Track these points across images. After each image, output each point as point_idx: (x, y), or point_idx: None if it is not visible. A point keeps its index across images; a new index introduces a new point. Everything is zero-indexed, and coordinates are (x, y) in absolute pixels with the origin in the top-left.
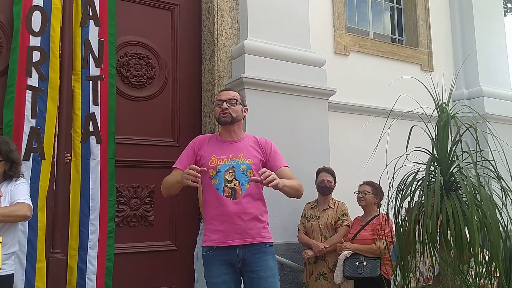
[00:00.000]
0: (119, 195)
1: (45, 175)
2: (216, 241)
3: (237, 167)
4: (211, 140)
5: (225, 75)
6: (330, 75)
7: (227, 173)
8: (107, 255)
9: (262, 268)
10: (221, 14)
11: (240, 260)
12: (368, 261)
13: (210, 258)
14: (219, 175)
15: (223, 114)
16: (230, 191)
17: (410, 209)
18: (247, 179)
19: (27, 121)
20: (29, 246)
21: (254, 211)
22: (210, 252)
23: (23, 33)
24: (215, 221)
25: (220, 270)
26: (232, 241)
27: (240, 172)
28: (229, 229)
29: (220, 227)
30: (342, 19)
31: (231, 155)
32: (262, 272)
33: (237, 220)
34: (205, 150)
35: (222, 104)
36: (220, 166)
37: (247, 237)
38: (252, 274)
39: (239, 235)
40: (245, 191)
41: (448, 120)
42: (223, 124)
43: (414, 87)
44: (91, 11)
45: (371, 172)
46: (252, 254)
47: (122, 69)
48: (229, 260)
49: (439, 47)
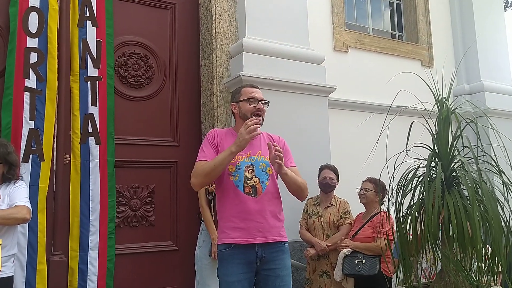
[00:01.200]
0: (119, 195)
1: (44, 177)
2: (237, 239)
3: (256, 164)
4: (227, 135)
5: (223, 74)
6: (330, 72)
7: (246, 170)
8: (108, 256)
9: (280, 266)
10: (219, 12)
11: (259, 259)
12: (367, 259)
13: (227, 256)
14: (238, 171)
15: (258, 115)
16: (251, 189)
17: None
18: (267, 177)
19: (25, 123)
20: (29, 248)
21: (274, 209)
22: (227, 250)
23: (20, 34)
24: (235, 219)
25: (237, 269)
26: (254, 239)
27: (260, 169)
28: (250, 227)
29: (241, 225)
30: (341, 15)
31: (249, 152)
32: (279, 271)
33: (259, 218)
34: (224, 145)
35: (256, 103)
36: (239, 162)
37: (268, 235)
38: (269, 272)
39: (260, 233)
40: (265, 188)
41: (449, 115)
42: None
43: (415, 83)
44: (88, 12)
45: (372, 169)
46: (271, 252)
47: (120, 69)
48: (248, 258)
49: (440, 43)
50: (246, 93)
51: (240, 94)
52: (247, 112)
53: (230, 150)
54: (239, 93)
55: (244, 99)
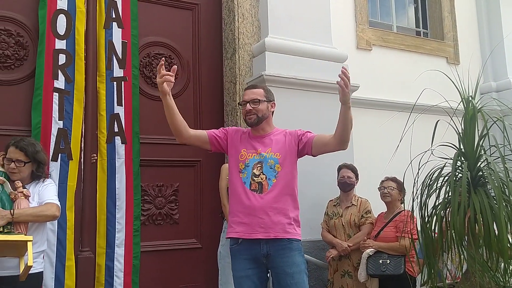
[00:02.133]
0: (144, 194)
1: (72, 175)
2: (240, 233)
3: (265, 161)
4: (244, 134)
5: (246, 73)
6: (353, 71)
7: (255, 167)
8: (134, 253)
9: (287, 264)
10: (241, 12)
11: (264, 256)
12: (391, 258)
13: (235, 252)
14: (247, 169)
15: (248, 116)
16: (257, 185)
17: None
18: (275, 174)
19: (54, 123)
20: (58, 244)
21: (280, 206)
22: (235, 245)
23: (49, 36)
24: (240, 214)
25: (244, 265)
26: (256, 235)
27: (268, 166)
28: (253, 222)
29: (245, 220)
30: (364, 13)
31: (259, 149)
32: (288, 268)
33: (262, 214)
34: (237, 142)
35: (245, 105)
36: (249, 160)
37: (271, 231)
38: (277, 270)
39: (262, 229)
40: (271, 185)
41: (475, 113)
42: (249, 126)
43: (440, 81)
44: (114, 13)
45: (394, 168)
46: (276, 250)
47: (145, 70)
48: (254, 254)
49: (466, 39)
50: (243, 96)
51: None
52: (242, 115)
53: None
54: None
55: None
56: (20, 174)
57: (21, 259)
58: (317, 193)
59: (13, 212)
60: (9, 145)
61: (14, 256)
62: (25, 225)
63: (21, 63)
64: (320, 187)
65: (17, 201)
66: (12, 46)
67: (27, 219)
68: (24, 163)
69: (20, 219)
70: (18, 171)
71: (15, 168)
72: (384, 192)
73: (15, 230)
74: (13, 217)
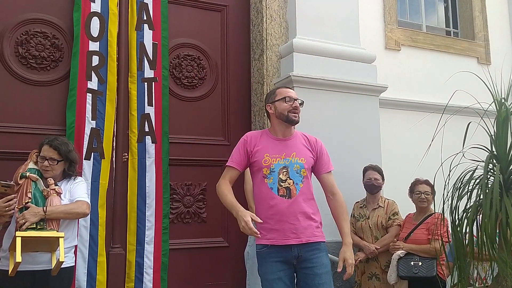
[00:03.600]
0: (173, 192)
1: (105, 174)
2: (272, 240)
3: (290, 166)
4: (262, 137)
5: (274, 74)
6: (381, 71)
7: (281, 172)
8: (163, 250)
9: (317, 265)
10: (269, 13)
11: (295, 258)
12: (423, 261)
13: (265, 255)
14: (273, 174)
15: (295, 113)
16: (285, 191)
17: (467, 209)
18: (301, 179)
19: (87, 123)
20: (91, 241)
21: (308, 210)
22: (265, 249)
23: (83, 38)
24: (270, 220)
25: (275, 267)
26: (288, 241)
27: (294, 171)
28: (285, 228)
29: (276, 226)
30: (393, 13)
31: (284, 154)
32: (317, 269)
33: (293, 220)
34: (258, 148)
35: (292, 101)
36: (274, 165)
37: (302, 236)
38: (306, 271)
39: (294, 234)
40: (299, 190)
41: (508, 115)
42: (291, 123)
43: (470, 82)
44: (145, 15)
45: (423, 170)
46: (307, 251)
47: (174, 71)
48: (285, 257)
49: (497, 39)
50: (282, 93)
51: (275, 95)
52: (283, 111)
53: (232, 211)
54: (274, 94)
55: (280, 98)
56: (53, 172)
57: (53, 254)
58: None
59: (46, 209)
60: (43, 143)
61: (46, 251)
62: (57, 221)
63: (57, 65)
64: (346, 189)
65: (49, 198)
66: (48, 48)
67: (59, 216)
68: (57, 161)
69: (52, 216)
70: (51, 169)
71: (48, 166)
72: (421, 198)
73: (47, 226)
74: (46, 214)
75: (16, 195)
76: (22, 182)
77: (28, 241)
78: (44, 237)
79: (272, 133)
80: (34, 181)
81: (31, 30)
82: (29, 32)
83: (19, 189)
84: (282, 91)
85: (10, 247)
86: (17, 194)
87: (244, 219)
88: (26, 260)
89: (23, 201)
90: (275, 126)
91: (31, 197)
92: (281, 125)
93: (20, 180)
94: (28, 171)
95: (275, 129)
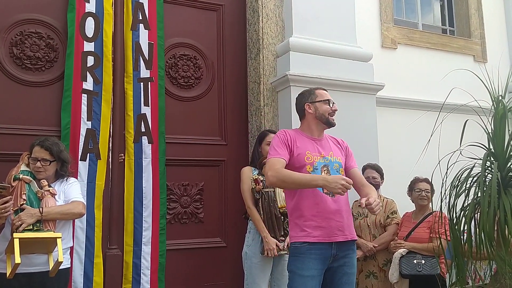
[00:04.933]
0: (170, 193)
1: (101, 174)
2: (319, 238)
3: (330, 165)
4: (297, 136)
5: (270, 73)
6: (378, 70)
7: (322, 171)
8: (160, 251)
9: (349, 264)
10: (265, 12)
11: (333, 256)
12: (426, 259)
13: (304, 250)
14: (316, 171)
15: (333, 115)
16: None
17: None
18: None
19: (83, 123)
20: (87, 242)
21: (348, 208)
22: (306, 244)
23: (78, 39)
24: (316, 218)
25: (313, 264)
26: (335, 237)
27: (335, 170)
28: (331, 225)
29: (323, 224)
30: (389, 11)
31: (322, 153)
32: (348, 269)
33: (338, 217)
34: (298, 145)
35: (330, 103)
36: (316, 163)
37: (347, 233)
38: (337, 269)
39: (341, 231)
40: None
41: (505, 112)
42: (330, 126)
43: (467, 80)
44: (141, 15)
45: (421, 168)
46: (344, 250)
47: (170, 70)
48: (324, 254)
49: (493, 37)
50: (322, 95)
51: (316, 95)
52: (324, 113)
53: (317, 183)
54: (314, 94)
55: (322, 100)
56: (46, 173)
57: (50, 255)
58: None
59: (42, 210)
60: (34, 144)
61: (43, 253)
62: (53, 222)
63: (52, 65)
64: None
65: (44, 199)
66: (43, 49)
67: (55, 217)
68: (49, 161)
69: (48, 217)
70: (44, 170)
71: (41, 167)
72: (422, 195)
73: (44, 227)
74: (42, 215)
75: (11, 197)
76: (16, 184)
77: (25, 243)
78: (41, 238)
79: (307, 132)
80: (28, 183)
81: (25, 31)
82: (24, 33)
83: (13, 191)
84: (323, 93)
85: (6, 250)
86: (12, 196)
87: (341, 180)
88: (23, 262)
89: (18, 203)
90: (312, 126)
91: (26, 199)
92: (318, 126)
93: (14, 182)
94: (20, 173)
95: (311, 128)
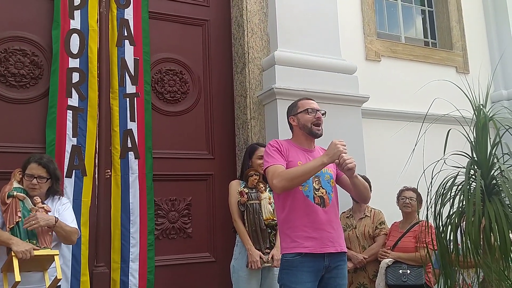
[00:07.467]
0: (157, 208)
1: (87, 191)
2: (310, 248)
3: (322, 176)
4: (289, 146)
5: (256, 87)
6: (362, 82)
7: (314, 181)
8: (148, 268)
9: (340, 276)
10: (250, 27)
11: (326, 268)
12: (411, 269)
13: (297, 263)
14: (308, 182)
15: (318, 125)
16: (319, 199)
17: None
18: (331, 188)
19: (68, 140)
20: (73, 260)
21: (337, 220)
22: (298, 257)
23: (62, 55)
24: (307, 228)
25: (306, 277)
26: (327, 249)
27: (326, 181)
28: (323, 236)
29: (314, 234)
30: (372, 25)
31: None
32: (339, 280)
33: (329, 228)
34: (290, 154)
35: (315, 112)
36: None
37: (337, 245)
38: (329, 280)
39: (331, 242)
40: (331, 200)
41: (486, 122)
42: (314, 137)
43: (450, 90)
44: (126, 31)
45: (407, 178)
46: (336, 262)
47: (156, 86)
48: (316, 267)
49: (475, 48)
50: (304, 104)
51: (297, 107)
52: (306, 122)
53: (322, 161)
54: (296, 106)
55: (302, 110)
56: (40, 190)
57: (45, 273)
58: None
59: (57, 219)
60: (30, 161)
61: (38, 271)
62: (49, 239)
63: (36, 82)
64: None
65: None
66: (28, 66)
67: (62, 232)
68: (46, 179)
69: (57, 229)
70: (39, 187)
71: (37, 184)
72: (406, 203)
73: (40, 244)
74: (56, 224)
75: (5, 215)
76: (10, 201)
77: (22, 260)
78: (40, 255)
79: (297, 143)
80: (22, 200)
81: (9, 48)
82: (8, 50)
83: (7, 209)
84: (304, 103)
85: (2, 268)
86: (7, 214)
87: (335, 146)
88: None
89: (14, 220)
90: (300, 137)
91: (21, 216)
92: (305, 137)
93: (7, 200)
94: (14, 190)
95: (300, 139)
